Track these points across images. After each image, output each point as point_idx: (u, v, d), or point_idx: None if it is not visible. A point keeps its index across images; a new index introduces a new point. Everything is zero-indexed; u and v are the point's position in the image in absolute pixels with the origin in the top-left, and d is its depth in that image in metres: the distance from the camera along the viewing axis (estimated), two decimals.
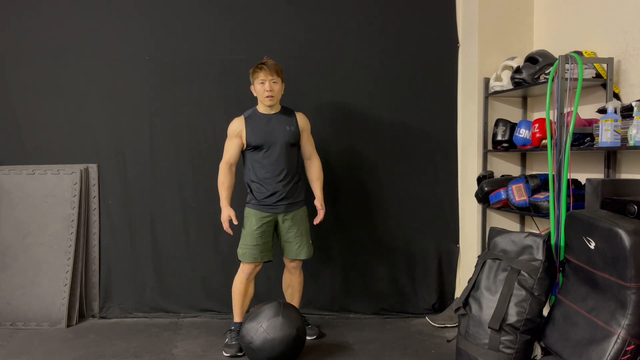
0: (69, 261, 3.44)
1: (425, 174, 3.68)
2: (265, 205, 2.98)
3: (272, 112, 3.01)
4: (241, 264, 3.04)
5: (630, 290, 1.97)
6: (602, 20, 2.86)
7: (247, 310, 3.10)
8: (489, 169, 3.45)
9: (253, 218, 2.99)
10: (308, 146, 3.12)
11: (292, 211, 3.03)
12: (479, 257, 2.59)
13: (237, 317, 3.07)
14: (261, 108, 3.01)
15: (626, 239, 1.97)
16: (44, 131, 3.54)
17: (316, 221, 3.13)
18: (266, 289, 3.57)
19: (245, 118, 3.00)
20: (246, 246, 3.00)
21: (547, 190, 2.86)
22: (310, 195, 3.19)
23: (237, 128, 2.98)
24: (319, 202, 3.14)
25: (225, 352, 2.93)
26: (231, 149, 2.99)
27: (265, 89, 2.92)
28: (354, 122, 3.62)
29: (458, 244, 3.71)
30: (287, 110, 3.07)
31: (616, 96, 2.72)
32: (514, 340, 2.31)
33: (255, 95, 3.01)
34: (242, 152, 3.03)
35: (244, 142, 2.97)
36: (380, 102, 3.63)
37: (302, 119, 3.09)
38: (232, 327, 3.05)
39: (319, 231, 3.60)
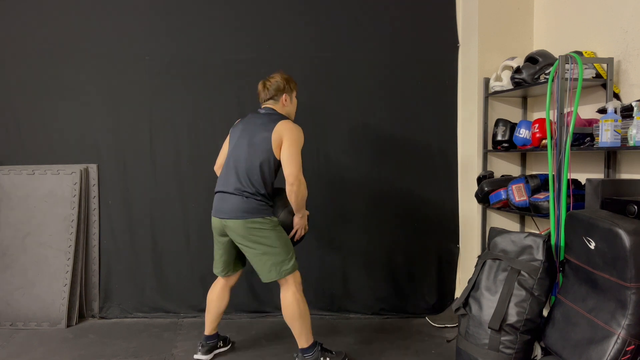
0: (68, 261, 3.44)
1: (425, 173, 3.68)
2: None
3: None
4: (294, 276, 2.69)
5: (630, 291, 1.97)
6: (602, 20, 2.86)
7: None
8: (489, 169, 3.45)
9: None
10: None
11: None
12: (479, 257, 2.59)
13: (311, 336, 2.77)
14: None
15: (626, 239, 1.97)
16: (44, 131, 3.54)
17: None
18: (266, 289, 3.58)
19: None
20: (294, 253, 2.72)
21: (547, 190, 2.86)
22: None
23: None
24: None
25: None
26: None
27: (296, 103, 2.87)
28: (353, 121, 3.62)
29: (458, 244, 3.71)
30: None
31: (616, 96, 2.73)
32: (514, 340, 2.31)
33: (287, 105, 2.80)
34: (279, 160, 2.68)
35: None
36: (380, 101, 3.63)
37: None
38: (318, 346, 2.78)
39: (320, 231, 3.61)
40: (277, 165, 2.66)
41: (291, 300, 2.66)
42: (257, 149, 2.63)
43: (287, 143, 2.61)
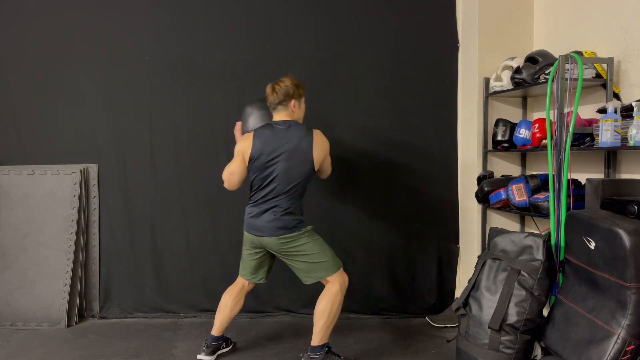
0: (69, 261, 3.44)
1: (425, 173, 3.67)
2: None
3: None
4: (338, 276, 2.79)
5: (630, 290, 1.97)
6: (602, 20, 2.86)
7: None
8: (489, 169, 3.45)
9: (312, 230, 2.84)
10: None
11: None
12: (479, 257, 2.59)
13: (323, 340, 2.77)
14: None
15: (626, 239, 1.96)
16: (44, 131, 3.54)
17: None
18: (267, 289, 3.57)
19: None
20: (333, 253, 2.83)
21: (547, 190, 2.86)
22: None
23: None
24: None
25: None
26: None
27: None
28: (353, 121, 3.62)
29: (458, 244, 3.71)
30: None
31: (616, 96, 2.72)
32: (514, 340, 2.31)
33: (295, 111, 2.77)
34: (310, 177, 2.76)
35: None
36: (380, 102, 3.63)
37: None
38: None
39: (319, 231, 3.60)
40: (310, 179, 2.78)
41: (329, 297, 2.74)
42: (298, 168, 2.68)
43: (327, 155, 2.80)
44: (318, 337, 2.73)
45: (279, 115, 2.74)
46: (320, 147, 2.70)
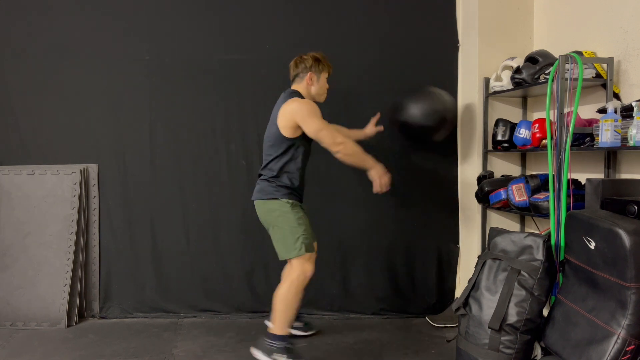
0: (69, 261, 3.44)
1: (425, 173, 3.67)
2: (300, 195, 2.84)
3: None
4: (300, 263, 2.69)
5: (630, 291, 1.97)
6: (602, 20, 2.86)
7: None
8: (489, 169, 3.45)
9: (297, 206, 2.77)
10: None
11: None
12: (479, 257, 2.59)
13: (286, 328, 2.72)
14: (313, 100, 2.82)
15: (626, 239, 1.96)
16: (44, 131, 3.54)
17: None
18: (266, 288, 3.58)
19: None
20: (308, 234, 2.72)
21: (547, 190, 2.86)
22: None
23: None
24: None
25: None
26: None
27: (327, 86, 2.91)
28: (353, 122, 3.60)
29: (458, 244, 3.71)
30: None
31: (616, 96, 2.72)
32: (514, 340, 2.31)
33: (312, 84, 2.81)
34: (293, 139, 2.68)
35: None
36: (380, 102, 3.62)
37: None
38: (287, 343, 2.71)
39: (319, 231, 3.60)
40: (289, 146, 2.68)
41: (287, 285, 2.70)
42: (270, 132, 2.76)
43: (302, 120, 2.63)
44: (276, 325, 2.68)
45: (293, 86, 2.84)
46: (286, 114, 2.62)
